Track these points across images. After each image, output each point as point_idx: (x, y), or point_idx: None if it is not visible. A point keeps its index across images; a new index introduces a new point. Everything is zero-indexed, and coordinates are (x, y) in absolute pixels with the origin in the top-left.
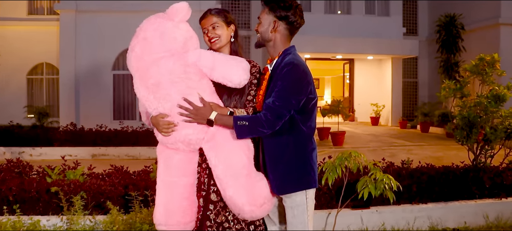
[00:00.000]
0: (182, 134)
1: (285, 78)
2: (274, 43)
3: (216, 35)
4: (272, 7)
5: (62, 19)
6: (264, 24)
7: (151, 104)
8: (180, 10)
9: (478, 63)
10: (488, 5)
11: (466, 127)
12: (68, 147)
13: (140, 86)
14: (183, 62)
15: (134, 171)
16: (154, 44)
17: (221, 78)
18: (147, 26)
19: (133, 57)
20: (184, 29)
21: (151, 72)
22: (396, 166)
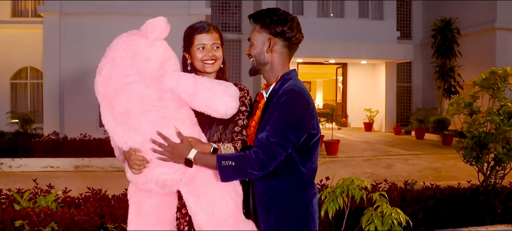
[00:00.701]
0: (155, 173)
1: (283, 108)
2: (272, 66)
3: (216, 56)
4: (264, 23)
5: (46, 21)
6: (257, 45)
7: (119, 138)
8: (157, 26)
9: (489, 77)
10: (484, 9)
11: (477, 147)
12: (50, 158)
13: (107, 116)
14: (158, 87)
15: (114, 195)
16: (124, 65)
17: (204, 107)
18: (117, 44)
19: (100, 81)
20: (161, 48)
21: (119, 98)
22: (399, 187)
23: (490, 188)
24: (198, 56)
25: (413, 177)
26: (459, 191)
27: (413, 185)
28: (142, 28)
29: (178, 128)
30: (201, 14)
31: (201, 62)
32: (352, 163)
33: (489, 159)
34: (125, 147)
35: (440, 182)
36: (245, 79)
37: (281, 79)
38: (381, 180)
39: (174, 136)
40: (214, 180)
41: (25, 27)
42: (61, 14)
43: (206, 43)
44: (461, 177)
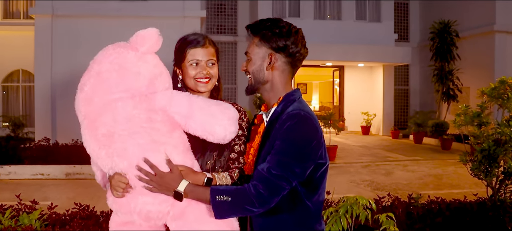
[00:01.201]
0: (139, 203)
1: (288, 136)
2: (272, 85)
3: (211, 74)
4: (264, 36)
5: (37, 23)
6: (255, 61)
7: (103, 163)
8: (147, 38)
9: (498, 86)
10: (482, 11)
11: (486, 161)
12: (40, 165)
13: (89, 138)
14: (147, 106)
15: (102, 211)
16: (110, 81)
17: (200, 130)
18: (102, 57)
19: (81, 98)
20: (152, 62)
21: (103, 118)
22: (403, 201)
23: (499, 203)
24: (191, 73)
25: (413, 185)
26: (466, 205)
27: (418, 199)
28: (131, 40)
29: (169, 154)
30: (196, 17)
31: (194, 80)
32: (350, 170)
33: (498, 173)
34: (111, 172)
35: (442, 190)
36: (241, 83)
37: (283, 101)
38: (381, 189)
39: (163, 164)
40: (207, 216)
41: (17, 29)
42: (53, 16)
43: (200, 59)
44: (463, 185)
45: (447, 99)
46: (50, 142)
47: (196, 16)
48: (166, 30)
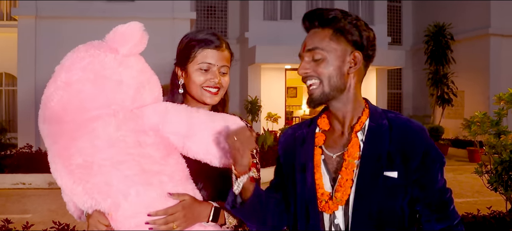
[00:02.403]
0: None
1: (434, 157)
2: (349, 94)
3: (222, 84)
4: (342, 29)
5: (20, 25)
6: (332, 60)
7: (81, 201)
8: (129, 36)
9: None
10: (477, 14)
11: (506, 174)
12: (22, 174)
13: (61, 169)
14: (134, 126)
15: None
16: (84, 94)
17: (203, 153)
18: (72, 63)
19: (47, 117)
20: (136, 67)
21: (78, 144)
22: None
23: None
24: (199, 80)
25: None
26: (483, 221)
27: None
28: (108, 37)
29: (165, 186)
30: (186, 18)
31: (201, 88)
32: None
33: None
34: (90, 211)
35: None
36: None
37: (372, 113)
38: None
39: (159, 201)
40: None
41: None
42: (36, 17)
43: (214, 63)
44: (465, 193)
45: (442, 103)
46: (33, 149)
47: (186, 18)
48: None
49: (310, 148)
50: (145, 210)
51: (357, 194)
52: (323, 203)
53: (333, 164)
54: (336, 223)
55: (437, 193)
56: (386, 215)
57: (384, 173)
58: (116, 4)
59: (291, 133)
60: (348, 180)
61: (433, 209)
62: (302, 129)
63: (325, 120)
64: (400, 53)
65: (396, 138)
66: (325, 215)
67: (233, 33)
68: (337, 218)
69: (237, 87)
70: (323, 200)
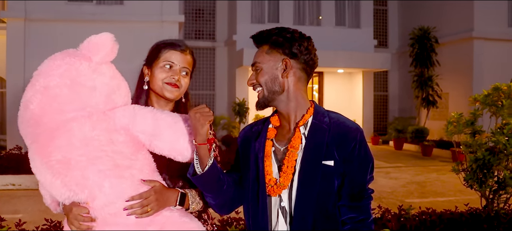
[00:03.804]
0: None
1: (363, 159)
2: (289, 94)
3: (181, 84)
4: (275, 42)
5: (9, 28)
6: (267, 70)
7: (58, 193)
8: (101, 45)
9: (492, 93)
10: (461, 18)
11: (480, 171)
12: (11, 175)
13: (40, 165)
14: (107, 126)
15: None
16: (62, 97)
17: (167, 150)
18: (50, 69)
19: (27, 118)
20: (108, 74)
21: (57, 142)
22: (393, 213)
23: (493, 214)
24: (160, 76)
25: (398, 193)
26: (460, 217)
27: (409, 211)
28: (82, 47)
29: (135, 178)
30: (174, 21)
31: (162, 82)
32: None
33: (492, 183)
34: (67, 202)
35: (427, 199)
36: (219, 89)
37: (316, 112)
38: None
39: (130, 191)
40: (187, 226)
41: None
42: (26, 19)
43: (176, 63)
44: (448, 193)
45: (427, 105)
46: (22, 151)
47: (174, 21)
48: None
49: (263, 141)
50: (118, 200)
51: (300, 180)
52: (270, 187)
53: (281, 155)
54: (283, 206)
55: (358, 187)
56: (323, 197)
57: (322, 162)
58: (106, 7)
59: (249, 128)
60: (290, 167)
61: (350, 198)
62: (258, 125)
63: (276, 118)
64: (386, 55)
65: (333, 133)
66: (273, 198)
67: (221, 36)
68: (283, 201)
69: (225, 89)
70: (269, 185)
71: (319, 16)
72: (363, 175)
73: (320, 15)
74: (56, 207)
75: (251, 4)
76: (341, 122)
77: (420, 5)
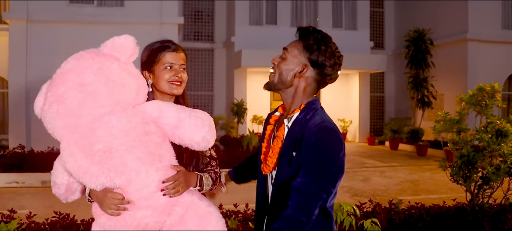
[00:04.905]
0: (137, 217)
1: (320, 150)
2: (296, 92)
3: (183, 79)
4: (309, 46)
5: (11, 29)
6: (290, 62)
7: (93, 179)
8: (126, 47)
9: (477, 93)
10: (456, 20)
11: (465, 167)
12: (15, 173)
13: (78, 153)
14: (141, 119)
15: (83, 220)
16: (98, 93)
17: (188, 140)
18: (82, 67)
19: (62, 111)
20: (136, 74)
21: (97, 134)
22: (384, 207)
23: (478, 207)
24: (165, 77)
25: (391, 191)
26: (447, 211)
27: (399, 205)
28: (105, 46)
29: (164, 164)
30: (174, 23)
31: (168, 83)
32: None
33: (476, 178)
34: (99, 188)
35: (419, 196)
36: (218, 89)
37: (305, 109)
38: (360, 195)
39: (162, 177)
40: (207, 220)
41: None
42: (28, 21)
43: (175, 62)
44: (440, 190)
45: (422, 106)
46: (25, 150)
47: (174, 23)
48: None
49: (265, 126)
50: (152, 183)
51: (278, 165)
52: (262, 165)
53: None
54: (269, 186)
55: (298, 182)
56: (286, 184)
57: (292, 152)
58: (106, 9)
59: (268, 115)
60: (274, 152)
61: (290, 189)
62: (271, 112)
63: (281, 108)
64: (382, 57)
65: (305, 129)
66: (268, 176)
67: (220, 37)
68: (269, 181)
69: (223, 90)
70: (262, 163)
71: (316, 17)
72: (305, 175)
73: (317, 17)
74: (68, 196)
75: (249, 6)
76: (316, 121)
77: (416, 8)
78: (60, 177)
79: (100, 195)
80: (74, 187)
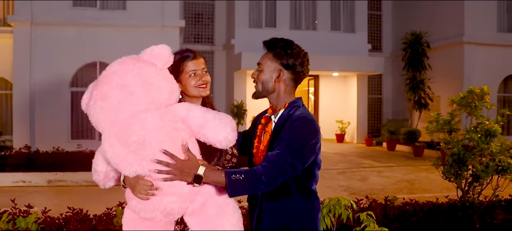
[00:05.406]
0: (163, 202)
1: (296, 132)
2: (278, 94)
3: (207, 80)
4: (278, 53)
5: (16, 31)
6: (266, 72)
7: (128, 166)
8: (163, 55)
9: (467, 96)
10: (452, 23)
11: (456, 165)
12: (22, 173)
13: (117, 144)
14: (172, 117)
15: (95, 215)
16: (137, 93)
17: (211, 138)
18: (125, 70)
19: (106, 107)
20: (169, 78)
21: (133, 127)
22: (379, 203)
23: (468, 203)
24: (191, 83)
25: (388, 190)
26: (439, 207)
27: (394, 202)
28: (145, 54)
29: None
30: (175, 26)
31: (196, 87)
32: (326, 176)
33: (467, 176)
34: (132, 175)
35: (415, 194)
36: (217, 91)
37: (289, 106)
38: (358, 194)
39: (182, 157)
40: (225, 210)
41: None
42: (32, 24)
43: (197, 68)
44: (435, 189)
45: (419, 107)
46: (31, 150)
47: (175, 26)
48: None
49: (257, 124)
50: None
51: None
52: (254, 158)
53: None
54: None
55: (271, 153)
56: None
57: (276, 141)
58: (109, 12)
59: (258, 115)
60: (264, 144)
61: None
62: (262, 113)
63: (270, 109)
64: (379, 59)
65: (288, 120)
66: None
67: (220, 40)
68: None
69: (223, 92)
70: (254, 156)
71: (315, 20)
72: (278, 149)
73: (316, 20)
74: (106, 183)
75: (249, 9)
76: (297, 113)
77: (413, 11)
78: (100, 165)
79: (132, 181)
80: (111, 175)
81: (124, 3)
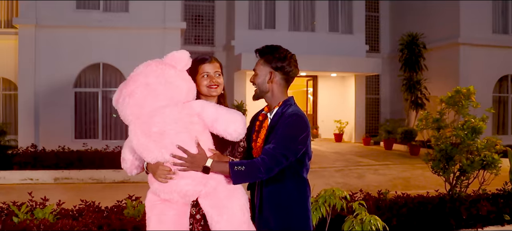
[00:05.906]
0: (180, 184)
1: (288, 127)
2: (272, 94)
3: (219, 82)
4: (267, 58)
5: (21, 33)
6: (260, 76)
7: (150, 153)
8: (182, 59)
9: (454, 95)
10: (448, 25)
11: (444, 160)
12: (29, 171)
13: (140, 134)
14: (188, 112)
15: (107, 206)
16: (158, 91)
17: (222, 131)
18: (149, 71)
19: (133, 103)
20: (187, 79)
21: (155, 120)
22: (373, 196)
23: (456, 196)
24: (204, 83)
25: (384, 186)
26: (428, 199)
27: (386, 195)
28: (167, 58)
29: (204, 147)
30: (176, 28)
31: (207, 88)
32: (324, 174)
33: (454, 170)
34: (153, 161)
35: (410, 191)
36: None
37: (283, 104)
38: (354, 190)
39: (194, 149)
40: (234, 194)
41: None
42: (36, 26)
43: (210, 71)
44: (429, 186)
45: (415, 107)
46: (37, 149)
47: (176, 28)
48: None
49: (254, 121)
50: None
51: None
52: (254, 151)
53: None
54: None
55: (268, 146)
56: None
57: (271, 136)
58: (112, 15)
59: (256, 113)
60: (261, 138)
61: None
62: (259, 111)
63: (266, 107)
64: (377, 60)
65: (282, 117)
66: None
67: (220, 41)
68: None
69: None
70: (253, 149)
71: (313, 22)
72: (274, 143)
73: (314, 21)
74: (133, 170)
75: (249, 10)
76: (290, 111)
77: (410, 12)
78: (127, 154)
79: (153, 167)
80: (136, 164)
81: (126, 5)
